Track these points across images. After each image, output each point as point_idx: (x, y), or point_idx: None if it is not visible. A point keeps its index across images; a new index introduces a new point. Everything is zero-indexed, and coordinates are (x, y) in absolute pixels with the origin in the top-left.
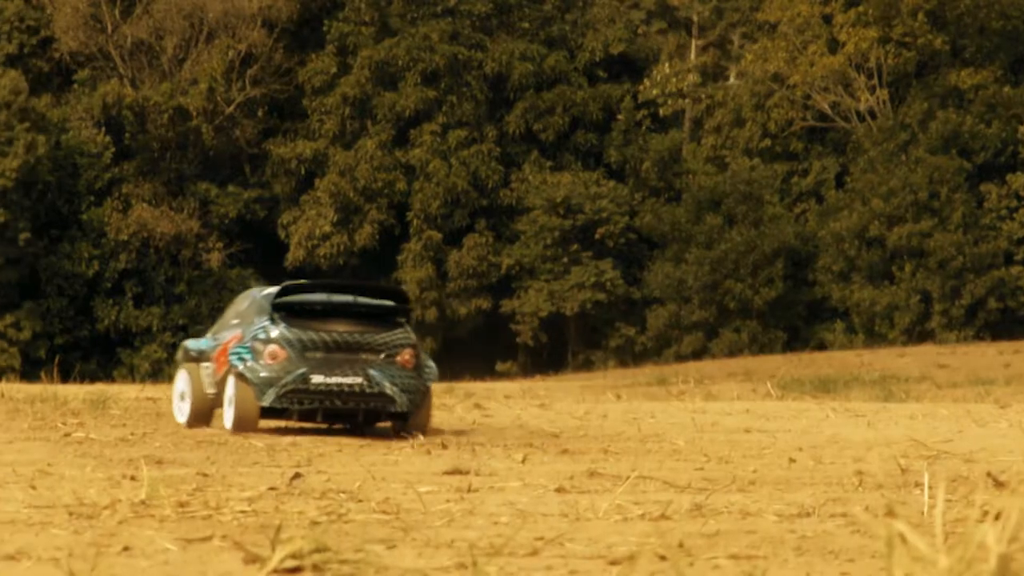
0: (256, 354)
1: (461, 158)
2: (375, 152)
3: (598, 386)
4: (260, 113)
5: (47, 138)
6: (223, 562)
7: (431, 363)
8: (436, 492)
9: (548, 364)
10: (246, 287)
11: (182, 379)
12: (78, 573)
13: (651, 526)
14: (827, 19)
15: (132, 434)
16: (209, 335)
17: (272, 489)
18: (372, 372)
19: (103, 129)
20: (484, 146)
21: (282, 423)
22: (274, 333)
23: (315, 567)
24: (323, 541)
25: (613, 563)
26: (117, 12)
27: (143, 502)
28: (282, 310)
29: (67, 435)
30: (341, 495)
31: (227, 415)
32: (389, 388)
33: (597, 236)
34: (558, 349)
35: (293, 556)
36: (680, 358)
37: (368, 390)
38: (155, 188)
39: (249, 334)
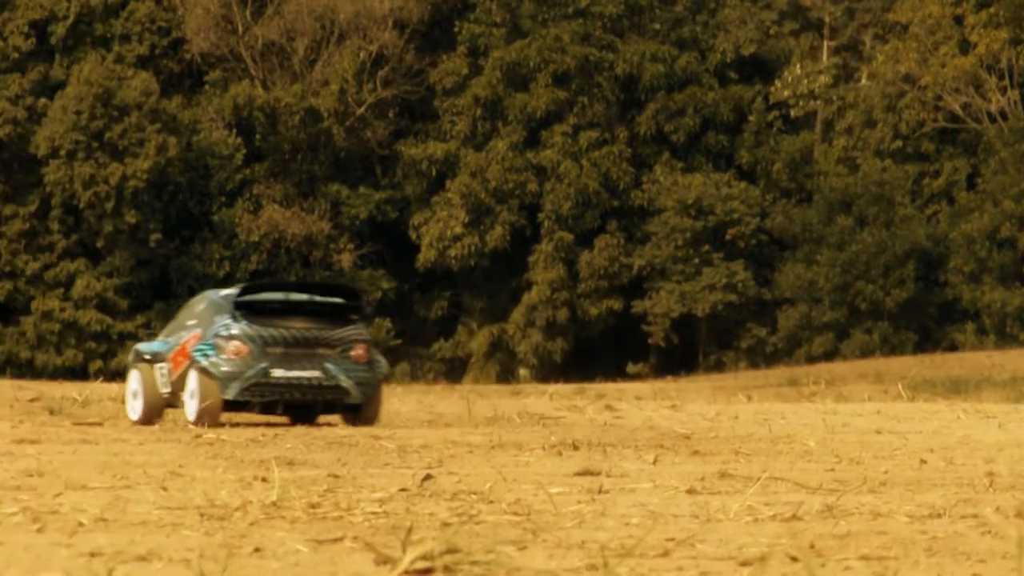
0: (219, 350)
1: (592, 159)
2: (506, 153)
3: (729, 387)
4: (391, 114)
5: (178, 140)
6: (354, 563)
7: (382, 358)
8: (567, 493)
9: (679, 365)
10: (211, 292)
11: (135, 379)
12: (209, 574)
13: (782, 527)
14: (958, 20)
15: (263, 435)
16: (160, 338)
17: (403, 490)
18: (328, 366)
19: (234, 130)
20: (615, 147)
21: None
22: (235, 330)
23: (446, 568)
24: (454, 542)
25: (744, 564)
26: (248, 13)
27: (274, 503)
28: (243, 308)
29: (198, 436)
30: (472, 496)
31: (189, 408)
32: (344, 381)
33: (728, 237)
34: (689, 350)
35: (424, 557)
36: (811, 359)
37: (325, 383)
38: (286, 189)
39: (211, 332)
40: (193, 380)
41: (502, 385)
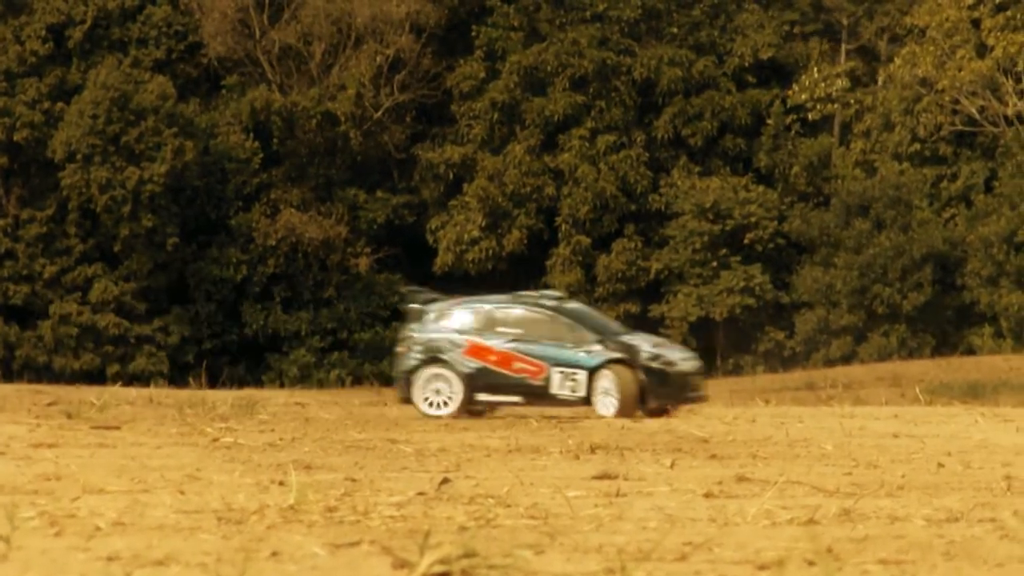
0: None
1: (610, 163)
2: (523, 157)
3: (746, 391)
4: (408, 118)
5: (195, 144)
6: (372, 567)
7: None
8: (584, 497)
9: None
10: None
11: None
12: None
13: (800, 531)
14: (975, 23)
15: (280, 439)
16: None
17: (420, 494)
18: None
19: (251, 134)
20: (633, 151)
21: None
22: None
23: (463, 572)
24: (471, 546)
25: (761, 568)
26: (265, 17)
27: (291, 507)
28: None
29: (215, 440)
30: (489, 500)
31: None
32: None
33: (746, 241)
34: (707, 354)
35: (441, 561)
36: (829, 363)
37: None
38: (303, 193)
39: None
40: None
41: None
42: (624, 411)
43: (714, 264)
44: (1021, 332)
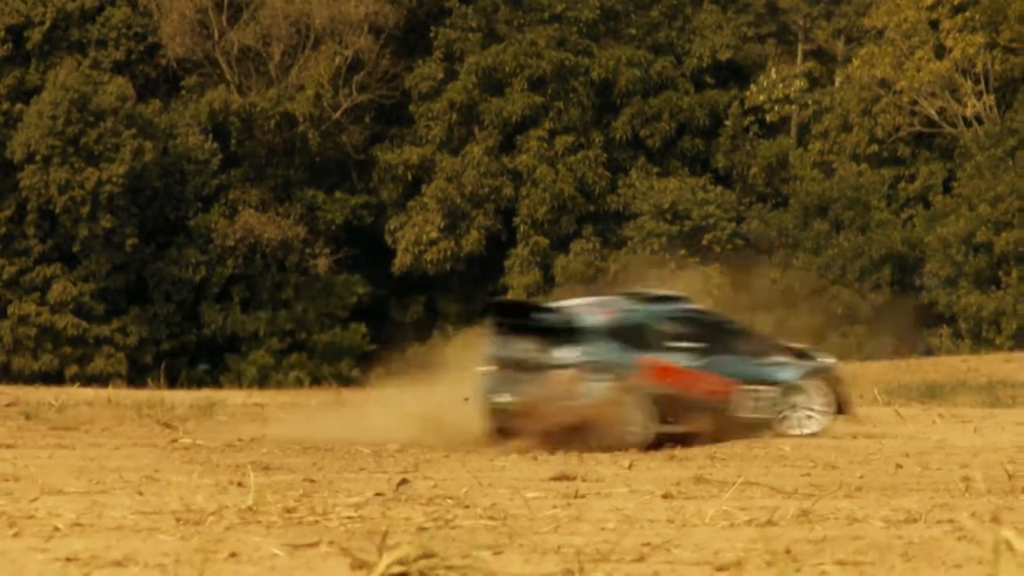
0: None
1: (568, 164)
2: (482, 158)
3: None
4: (367, 119)
5: (154, 145)
6: (330, 568)
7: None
8: (543, 498)
9: None
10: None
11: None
12: None
13: (758, 532)
14: (934, 25)
15: (239, 440)
16: None
17: (379, 495)
18: None
19: (210, 135)
20: (591, 152)
21: None
22: None
23: (422, 573)
24: (430, 547)
25: (720, 569)
26: (224, 19)
27: (250, 508)
28: None
29: (174, 441)
30: (448, 501)
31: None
32: None
33: (704, 242)
34: None
35: (400, 562)
36: None
37: None
38: (262, 194)
39: None
40: None
41: None
42: (828, 425)
43: (672, 265)
44: (979, 333)
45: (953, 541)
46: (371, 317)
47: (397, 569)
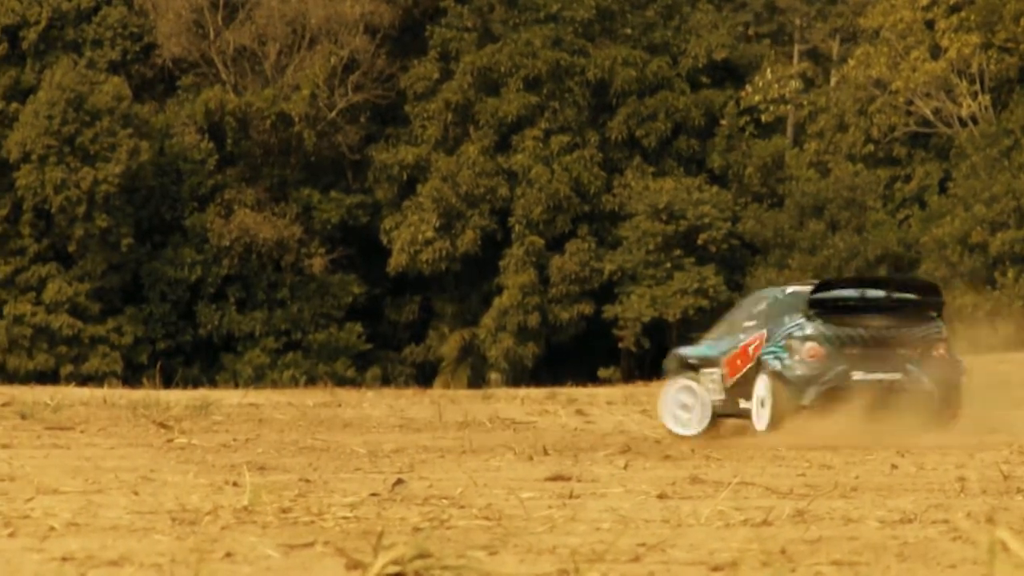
0: (792, 352)
1: (563, 164)
2: (477, 158)
3: None
4: (362, 119)
5: (150, 144)
6: (325, 568)
7: (959, 357)
8: (538, 498)
9: (650, 370)
10: (772, 289)
11: (681, 389)
12: None
13: (753, 532)
14: (929, 25)
15: (235, 440)
16: (707, 342)
17: (374, 495)
18: (910, 366)
19: (206, 135)
20: (586, 152)
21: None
22: (810, 330)
23: (417, 573)
24: (425, 547)
25: (715, 569)
26: (220, 18)
27: (245, 508)
28: (816, 306)
29: (169, 441)
30: (443, 501)
31: (759, 417)
32: (926, 382)
33: (699, 242)
34: (660, 355)
35: (395, 562)
36: None
37: (908, 385)
38: (257, 194)
39: (781, 333)
40: (763, 386)
41: (473, 390)
42: None
43: (668, 265)
44: (974, 334)
45: (948, 542)
46: (366, 317)
47: (392, 569)
